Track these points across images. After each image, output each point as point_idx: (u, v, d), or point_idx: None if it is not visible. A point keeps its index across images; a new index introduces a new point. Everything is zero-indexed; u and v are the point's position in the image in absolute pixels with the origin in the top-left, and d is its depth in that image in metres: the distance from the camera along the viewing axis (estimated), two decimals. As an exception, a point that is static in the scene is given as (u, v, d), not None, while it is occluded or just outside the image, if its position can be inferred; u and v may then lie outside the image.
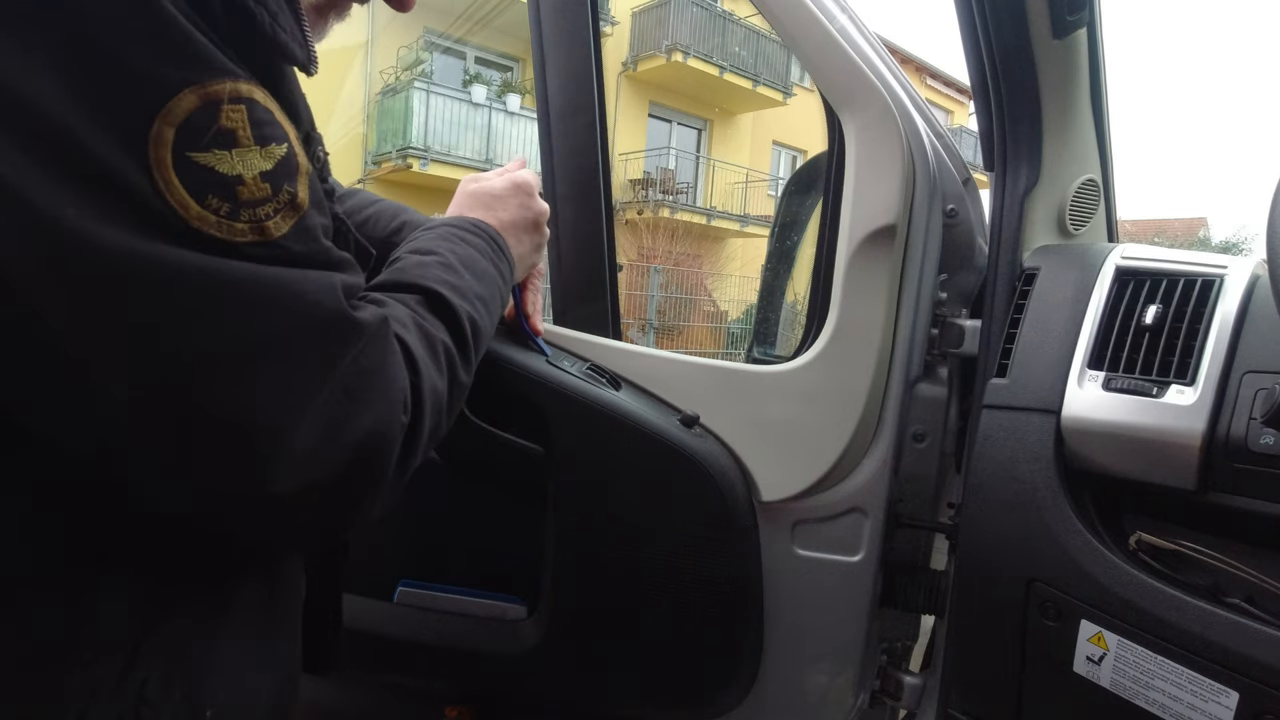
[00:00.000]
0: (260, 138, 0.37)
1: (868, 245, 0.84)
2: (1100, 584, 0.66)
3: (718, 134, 13.63)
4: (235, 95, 0.36)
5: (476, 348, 0.57)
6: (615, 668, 0.91)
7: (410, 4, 0.58)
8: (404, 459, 0.45)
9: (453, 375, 0.52)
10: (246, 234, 0.36)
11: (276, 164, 0.38)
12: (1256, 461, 0.61)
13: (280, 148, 0.38)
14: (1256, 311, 0.68)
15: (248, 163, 0.36)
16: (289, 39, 0.41)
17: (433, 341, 0.50)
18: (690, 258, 11.56)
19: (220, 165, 0.35)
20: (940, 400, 0.92)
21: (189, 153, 0.34)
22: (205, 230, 0.35)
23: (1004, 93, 0.82)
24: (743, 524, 0.87)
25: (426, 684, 0.98)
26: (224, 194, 0.35)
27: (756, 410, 0.89)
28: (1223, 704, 0.59)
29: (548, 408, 0.84)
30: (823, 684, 0.95)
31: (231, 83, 0.36)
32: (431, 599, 0.92)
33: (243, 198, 0.36)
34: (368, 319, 0.42)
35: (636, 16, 12.00)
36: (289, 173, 0.39)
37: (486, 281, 0.62)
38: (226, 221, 0.36)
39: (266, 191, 0.37)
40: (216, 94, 0.35)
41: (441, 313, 0.54)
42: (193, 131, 0.34)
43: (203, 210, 0.35)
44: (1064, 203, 0.90)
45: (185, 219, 0.34)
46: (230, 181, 0.36)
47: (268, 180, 0.37)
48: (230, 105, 0.36)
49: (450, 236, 0.64)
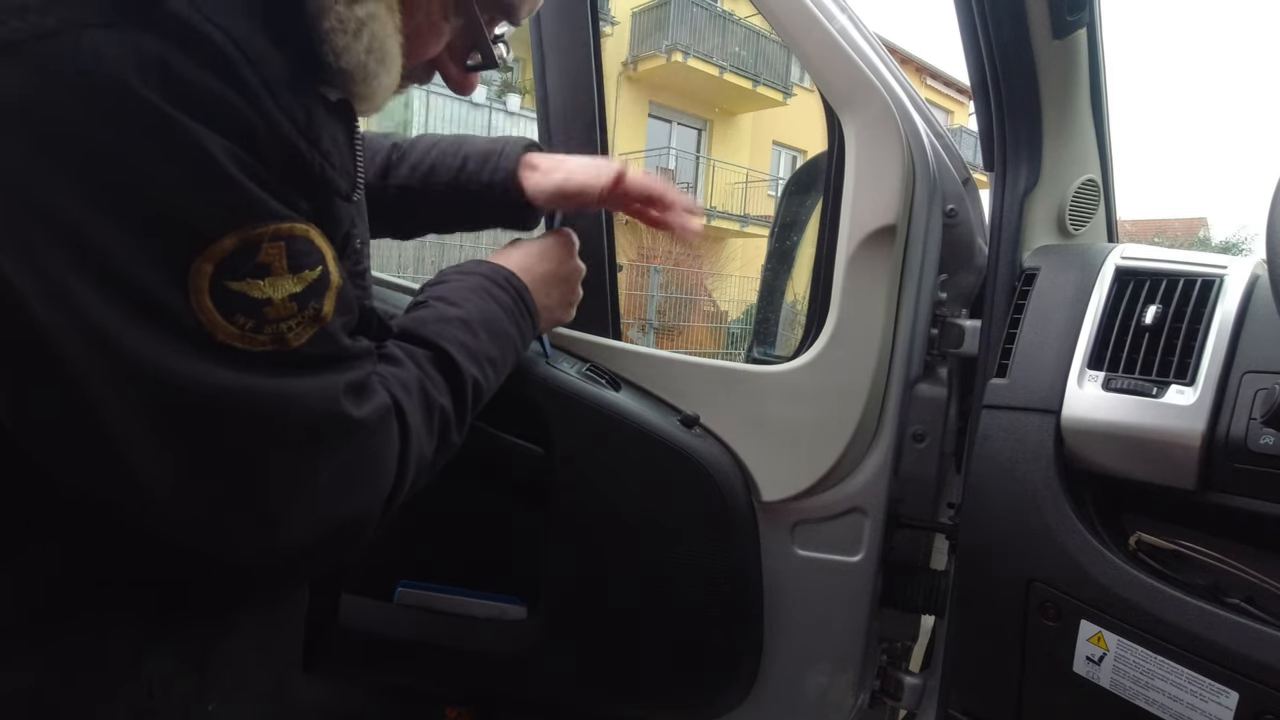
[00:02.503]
0: (295, 267, 0.41)
1: (868, 245, 0.84)
2: (1100, 584, 0.66)
3: (718, 134, 13.63)
4: (276, 235, 0.40)
5: (474, 407, 0.61)
6: (615, 668, 0.91)
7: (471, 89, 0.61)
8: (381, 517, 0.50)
9: (443, 438, 0.56)
10: (266, 345, 0.41)
11: (307, 286, 0.42)
12: (1256, 461, 0.61)
13: (314, 272, 0.43)
14: (1256, 311, 0.68)
15: (278, 288, 0.41)
16: (337, 175, 0.46)
17: (431, 408, 0.54)
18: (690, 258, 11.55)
19: (252, 292, 0.40)
20: (940, 400, 0.92)
21: (226, 282, 0.39)
22: (229, 343, 0.40)
23: (1004, 93, 0.82)
24: (743, 524, 0.87)
25: (426, 684, 0.98)
26: (251, 313, 0.40)
27: (756, 410, 0.89)
28: (1223, 704, 0.59)
29: (547, 408, 0.84)
30: (823, 684, 0.95)
31: (274, 225, 0.40)
32: (431, 599, 0.91)
33: (269, 316, 0.41)
34: (368, 416, 0.47)
35: (636, 16, 12.00)
36: (318, 292, 0.43)
37: (501, 342, 0.65)
38: (250, 335, 0.40)
39: (293, 310, 0.42)
40: (258, 236, 0.39)
41: (448, 374, 0.57)
42: (231, 267, 0.39)
43: (229, 325, 0.39)
44: (1064, 203, 0.90)
45: (212, 334, 0.39)
46: (259, 304, 0.40)
47: (295, 300, 0.42)
48: (270, 244, 0.40)
49: (479, 289, 0.67)
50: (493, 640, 0.90)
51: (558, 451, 0.85)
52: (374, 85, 0.48)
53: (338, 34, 0.44)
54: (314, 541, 0.46)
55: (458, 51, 0.58)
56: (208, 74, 0.38)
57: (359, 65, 0.46)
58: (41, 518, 0.43)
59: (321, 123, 0.44)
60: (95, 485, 0.41)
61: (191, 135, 0.37)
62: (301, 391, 0.43)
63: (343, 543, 0.48)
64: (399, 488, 0.51)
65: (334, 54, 0.45)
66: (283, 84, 0.41)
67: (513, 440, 0.86)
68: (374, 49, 0.46)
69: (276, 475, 0.43)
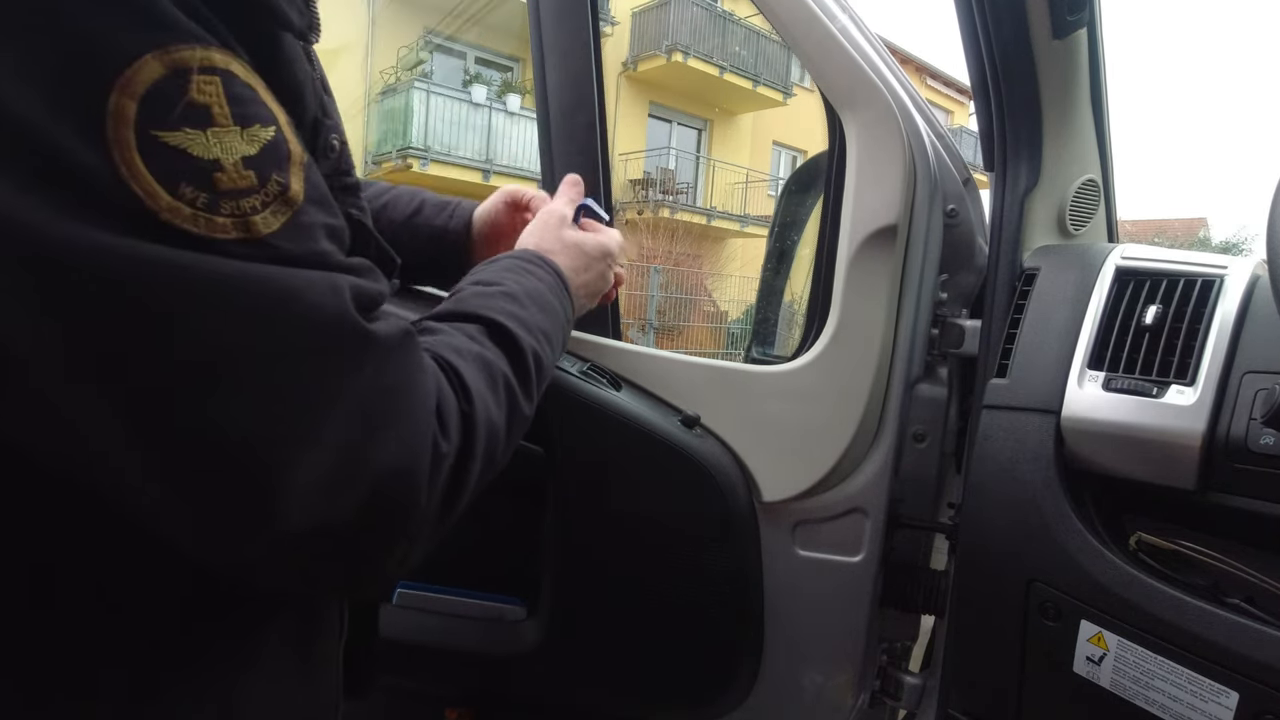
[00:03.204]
0: (241, 116, 0.31)
1: (868, 245, 0.84)
2: (1100, 584, 0.66)
3: (718, 134, 13.63)
4: (208, 64, 0.30)
5: (540, 381, 0.54)
6: (615, 668, 0.91)
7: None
8: (450, 494, 0.40)
9: (512, 407, 0.48)
10: (229, 230, 0.30)
11: (262, 149, 0.32)
12: (1256, 462, 0.61)
13: (267, 130, 0.32)
14: (1256, 311, 0.68)
15: (226, 145, 0.31)
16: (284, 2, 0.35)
17: (493, 372, 0.47)
18: (690, 258, 11.55)
19: (193, 148, 0.30)
20: (940, 400, 0.92)
21: (155, 131, 0.29)
22: (178, 224, 0.29)
23: (1004, 93, 0.82)
24: (743, 524, 0.87)
25: (426, 685, 0.98)
26: (199, 182, 0.30)
27: (757, 410, 0.89)
28: (1223, 704, 0.59)
29: (547, 408, 0.84)
30: (823, 684, 0.95)
31: (203, 49, 0.30)
32: (431, 600, 0.92)
33: (222, 186, 0.30)
34: (385, 330, 0.36)
35: (636, 16, 12.00)
36: (277, 160, 0.33)
37: (551, 315, 0.59)
38: (204, 215, 0.30)
39: (251, 180, 0.31)
40: (184, 60, 0.29)
41: (504, 344, 0.50)
42: (158, 105, 0.29)
43: (175, 201, 0.29)
44: (1064, 203, 0.90)
45: (154, 210, 0.29)
46: (206, 167, 0.30)
47: (251, 167, 0.31)
48: (202, 76, 0.30)
49: (515, 269, 0.61)
50: (493, 640, 0.90)
51: (558, 451, 0.85)
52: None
53: None
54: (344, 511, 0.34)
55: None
56: None
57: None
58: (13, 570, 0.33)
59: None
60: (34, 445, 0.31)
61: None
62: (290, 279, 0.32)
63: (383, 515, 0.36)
64: (467, 457, 0.41)
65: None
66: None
67: (513, 440, 0.86)
68: None
69: (268, 404, 0.31)
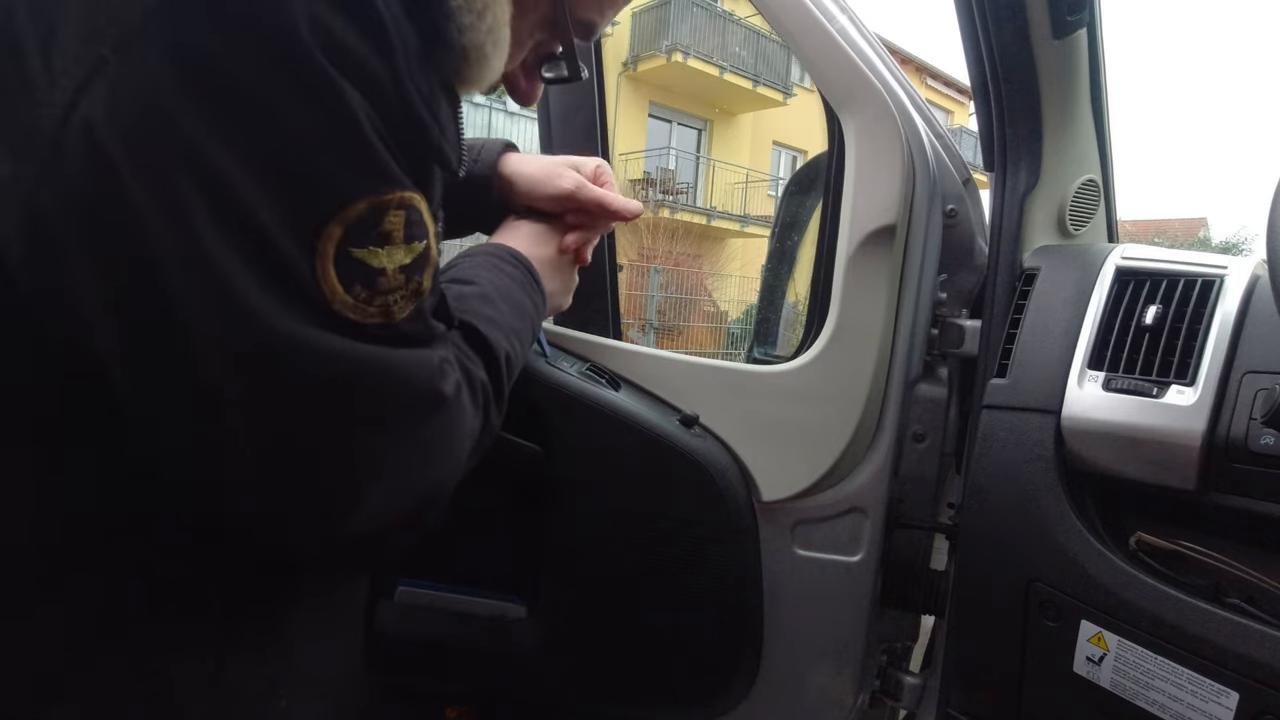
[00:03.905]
0: (409, 237, 0.41)
1: (868, 245, 0.84)
2: (1100, 584, 0.66)
3: (718, 134, 13.63)
4: (401, 202, 0.40)
5: (509, 382, 0.60)
6: (615, 667, 0.91)
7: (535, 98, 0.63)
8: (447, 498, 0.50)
9: (486, 416, 0.55)
10: (375, 316, 0.41)
11: (415, 258, 0.42)
12: (1256, 462, 0.61)
13: (421, 244, 0.42)
14: (1256, 312, 0.68)
15: (393, 258, 0.41)
16: (449, 149, 0.46)
17: (474, 382, 0.53)
18: (690, 258, 11.56)
19: (372, 260, 0.40)
20: (940, 400, 0.92)
21: (351, 249, 0.39)
22: (343, 313, 0.39)
23: (1004, 93, 0.82)
24: (743, 524, 0.87)
25: (426, 684, 0.98)
26: (367, 283, 0.40)
27: (756, 410, 0.88)
28: (1223, 704, 0.59)
29: (547, 408, 0.84)
30: (822, 684, 0.95)
31: (400, 192, 0.40)
32: (431, 599, 0.92)
33: (381, 287, 0.41)
34: (451, 391, 0.47)
35: (636, 16, 12.01)
36: (422, 265, 0.43)
37: (521, 314, 0.64)
38: (362, 306, 0.40)
39: (401, 282, 0.41)
40: (386, 203, 0.40)
41: (481, 350, 0.56)
42: (359, 232, 0.39)
43: (346, 295, 0.39)
44: (1064, 203, 0.90)
45: (329, 303, 0.39)
46: (375, 274, 0.40)
47: (404, 272, 0.41)
48: (394, 211, 0.40)
49: (489, 265, 0.66)
50: (493, 640, 0.90)
51: (558, 451, 0.85)
52: (484, 69, 0.49)
53: (464, 12, 0.46)
54: (395, 517, 0.45)
55: (530, 65, 0.61)
56: (358, 34, 0.38)
57: (477, 46, 0.47)
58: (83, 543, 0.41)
59: (439, 96, 0.45)
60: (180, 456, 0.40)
61: (342, 94, 0.37)
62: (406, 365, 0.43)
63: (419, 516, 0.47)
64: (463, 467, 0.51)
65: (458, 30, 0.46)
66: (414, 55, 0.41)
67: (513, 440, 0.86)
68: (493, 30, 0.47)
69: (364, 454, 0.42)
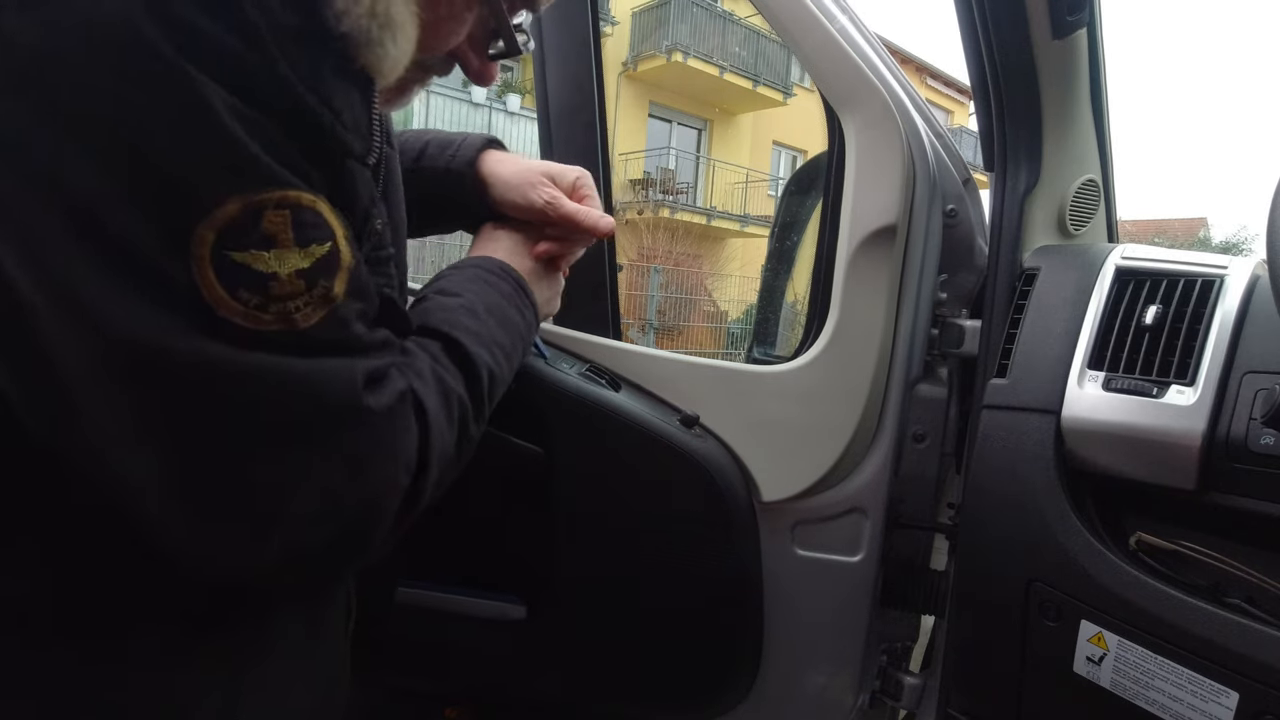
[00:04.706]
0: (302, 240, 0.39)
1: (868, 245, 0.84)
2: (1100, 584, 0.66)
3: (718, 134, 13.63)
4: (281, 202, 0.38)
5: (491, 400, 0.58)
6: (615, 667, 0.91)
7: (491, 78, 0.59)
8: (402, 516, 0.47)
9: (463, 430, 0.52)
10: (272, 324, 0.38)
11: (315, 262, 0.39)
12: (1256, 462, 0.61)
13: (322, 247, 0.40)
14: (1256, 311, 0.68)
15: (285, 262, 0.38)
16: (349, 134, 0.43)
17: (449, 396, 0.51)
18: (690, 258, 11.55)
19: (256, 264, 0.37)
20: (940, 400, 0.92)
21: (228, 252, 0.36)
22: (232, 319, 0.37)
23: (1004, 93, 0.81)
24: (743, 524, 0.87)
25: (426, 684, 0.98)
26: (255, 288, 0.37)
27: (757, 410, 0.88)
28: (1223, 704, 0.59)
29: (547, 408, 0.84)
30: (823, 684, 0.95)
31: (278, 191, 0.38)
32: (431, 598, 0.92)
33: (274, 293, 0.38)
34: (383, 405, 0.44)
35: (636, 16, 12.00)
36: (327, 270, 0.40)
37: (509, 329, 0.62)
38: (254, 312, 0.37)
39: (300, 288, 0.39)
40: (260, 202, 0.37)
41: (461, 363, 0.54)
42: (233, 234, 0.36)
43: (232, 301, 0.37)
44: (1064, 203, 0.90)
45: (213, 309, 0.36)
46: (264, 279, 0.38)
47: (302, 277, 0.39)
48: (274, 212, 0.38)
49: (477, 279, 0.64)
50: (493, 640, 0.90)
51: (558, 451, 0.85)
52: (379, 54, 0.45)
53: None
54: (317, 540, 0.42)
55: (478, 41, 0.56)
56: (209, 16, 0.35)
57: (361, 30, 0.43)
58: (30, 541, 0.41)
59: (331, 79, 0.42)
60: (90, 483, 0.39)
61: (195, 86, 0.35)
62: (311, 374, 0.40)
63: (349, 541, 0.44)
64: (420, 484, 0.47)
65: (334, 16, 0.42)
66: (289, 37, 0.38)
67: (513, 440, 0.86)
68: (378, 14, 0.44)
69: (274, 471, 0.40)
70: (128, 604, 0.43)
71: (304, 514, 0.41)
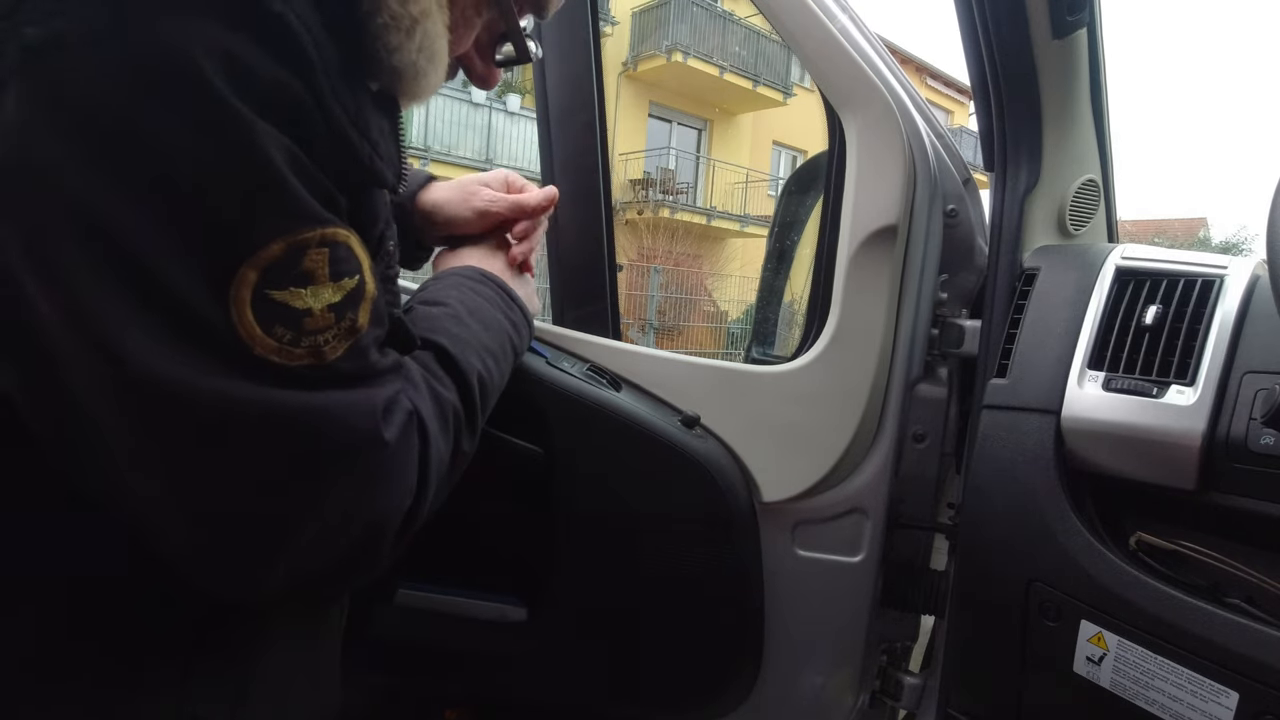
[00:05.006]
0: (335, 274, 0.39)
1: (868, 245, 0.84)
2: (1100, 584, 0.66)
3: (718, 134, 13.62)
4: (322, 240, 0.38)
5: (484, 407, 0.57)
6: (615, 668, 0.91)
7: (495, 82, 0.60)
8: (401, 533, 0.47)
9: (457, 442, 0.52)
10: (303, 358, 0.38)
11: (345, 296, 0.40)
12: (1256, 462, 0.61)
13: (352, 280, 0.40)
14: (1256, 312, 0.68)
15: (319, 297, 0.38)
16: (384, 166, 0.44)
17: (443, 406, 0.51)
18: (690, 258, 11.55)
19: (294, 301, 0.37)
20: (940, 400, 0.92)
21: (269, 291, 0.37)
22: (266, 357, 0.37)
23: (1004, 93, 0.82)
24: (743, 525, 0.87)
25: (426, 685, 0.98)
26: (290, 325, 0.38)
27: (757, 411, 0.88)
28: (1223, 704, 0.59)
29: (548, 409, 0.84)
30: (823, 684, 0.95)
31: (320, 229, 0.38)
32: (431, 600, 0.91)
33: (307, 328, 0.38)
34: (395, 433, 0.44)
35: (636, 16, 12.00)
36: (354, 302, 0.41)
37: (495, 332, 0.62)
38: (287, 349, 0.38)
39: (330, 321, 0.39)
40: (304, 242, 0.37)
41: (450, 370, 0.54)
42: (275, 274, 0.37)
43: (268, 339, 0.37)
44: (1064, 203, 0.90)
45: (249, 348, 0.37)
46: (300, 315, 0.38)
47: (333, 311, 0.39)
48: (315, 250, 0.38)
49: (459, 285, 0.64)
50: (493, 641, 0.90)
51: (558, 452, 0.85)
52: (422, 84, 0.46)
53: (391, 31, 0.43)
54: (317, 573, 0.42)
55: (484, 46, 0.57)
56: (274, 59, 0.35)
57: (410, 64, 0.44)
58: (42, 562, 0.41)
59: (369, 112, 0.43)
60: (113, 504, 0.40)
61: (252, 133, 0.35)
62: (338, 408, 0.40)
63: (355, 560, 0.44)
64: (420, 503, 0.47)
65: (386, 51, 0.43)
66: (339, 76, 0.39)
67: (513, 440, 0.86)
68: (425, 47, 0.45)
69: (286, 504, 0.40)
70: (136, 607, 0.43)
71: (311, 542, 0.41)
